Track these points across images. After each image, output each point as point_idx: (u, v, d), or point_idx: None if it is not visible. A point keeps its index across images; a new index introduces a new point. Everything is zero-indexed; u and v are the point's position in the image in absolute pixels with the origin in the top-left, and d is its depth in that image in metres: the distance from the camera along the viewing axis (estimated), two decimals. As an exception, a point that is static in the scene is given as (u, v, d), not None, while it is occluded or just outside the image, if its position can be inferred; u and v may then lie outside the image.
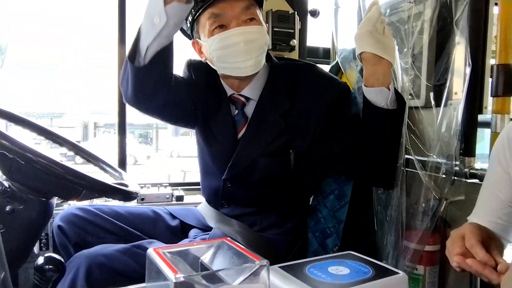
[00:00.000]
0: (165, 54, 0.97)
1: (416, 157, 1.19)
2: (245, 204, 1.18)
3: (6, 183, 0.94)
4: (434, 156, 1.15)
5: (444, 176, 1.14)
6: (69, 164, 0.91)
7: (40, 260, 0.73)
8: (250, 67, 1.06)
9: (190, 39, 1.16)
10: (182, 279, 0.40)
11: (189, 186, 1.87)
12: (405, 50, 1.28)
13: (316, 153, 1.12)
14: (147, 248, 0.99)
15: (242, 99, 1.15)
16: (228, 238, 0.54)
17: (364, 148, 1.08)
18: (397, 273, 0.59)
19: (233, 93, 1.16)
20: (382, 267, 0.61)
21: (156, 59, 0.96)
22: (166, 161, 13.14)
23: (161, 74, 1.00)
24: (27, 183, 0.95)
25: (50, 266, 0.72)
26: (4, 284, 0.51)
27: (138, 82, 1.00)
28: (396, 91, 1.06)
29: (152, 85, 1.01)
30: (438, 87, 1.21)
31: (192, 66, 1.23)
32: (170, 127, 16.31)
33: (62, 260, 0.75)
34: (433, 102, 1.20)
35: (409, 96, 1.26)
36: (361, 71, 1.25)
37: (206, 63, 1.16)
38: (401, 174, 1.18)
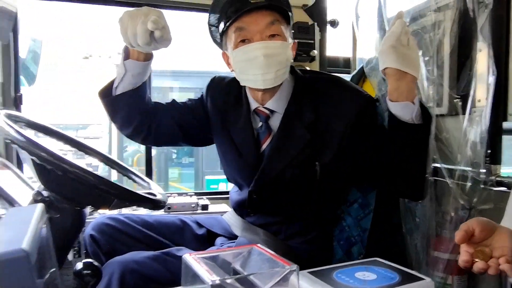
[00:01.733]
0: (129, 94, 1.14)
1: (444, 165, 1.18)
2: (271, 214, 1.20)
3: (44, 193, 0.99)
4: (461, 164, 1.15)
5: (471, 184, 1.13)
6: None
7: (79, 265, 0.77)
8: (269, 81, 1.08)
9: (222, 49, 1.20)
10: (218, 281, 0.43)
11: (214, 195, 1.91)
12: (428, 58, 1.29)
13: (342, 165, 1.13)
14: (176, 255, 1.04)
15: (267, 111, 1.17)
16: (258, 245, 0.56)
17: (390, 161, 1.06)
18: (423, 279, 0.59)
19: (258, 106, 1.19)
20: (409, 273, 0.62)
21: (120, 98, 1.14)
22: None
23: (128, 107, 1.16)
24: (63, 193, 1.00)
25: (88, 271, 0.76)
26: (54, 278, 0.55)
27: (110, 112, 1.19)
28: (421, 105, 1.05)
29: (125, 114, 1.18)
30: (462, 95, 1.21)
31: (212, 85, 1.30)
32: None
33: (99, 266, 0.79)
34: (457, 110, 1.20)
35: (432, 104, 1.26)
36: (385, 80, 1.26)
37: (230, 78, 1.25)
38: (430, 183, 1.18)
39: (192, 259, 0.50)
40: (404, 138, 1.04)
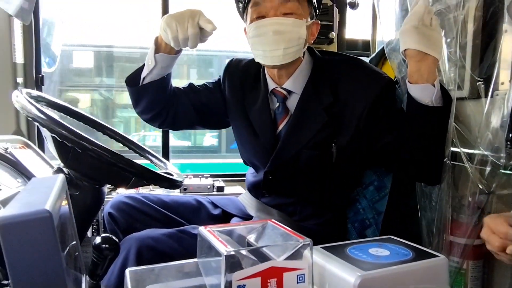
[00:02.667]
0: (156, 84, 1.19)
1: (463, 149, 1.16)
2: (286, 195, 1.20)
3: (65, 170, 1.02)
4: (481, 148, 1.12)
5: (490, 169, 1.11)
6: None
7: (98, 239, 0.79)
8: (278, 57, 1.07)
9: None
10: (232, 252, 0.44)
11: (229, 177, 1.92)
12: (450, 39, 1.25)
13: (358, 147, 1.12)
14: (191, 233, 1.06)
15: (284, 92, 1.17)
16: (273, 220, 0.57)
17: (407, 144, 1.05)
18: (437, 256, 0.59)
19: (275, 87, 1.18)
20: (422, 250, 0.61)
21: (147, 86, 1.20)
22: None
23: (153, 95, 1.22)
24: (83, 170, 1.02)
25: (107, 245, 0.77)
26: (76, 251, 0.57)
27: (135, 99, 1.25)
28: (442, 87, 1.02)
29: (148, 102, 1.23)
30: (484, 78, 1.17)
31: (230, 68, 1.31)
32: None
33: (117, 240, 0.81)
34: (479, 93, 1.17)
35: (453, 87, 1.23)
36: (405, 62, 1.23)
37: (247, 60, 1.28)
38: (447, 167, 1.16)
39: (208, 231, 0.51)
40: (423, 121, 1.02)
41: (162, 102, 1.24)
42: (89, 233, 1.47)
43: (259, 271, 0.44)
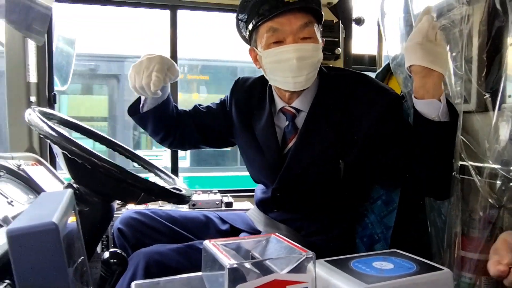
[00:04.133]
0: (154, 111, 1.26)
1: (471, 163, 1.15)
2: (294, 210, 1.20)
3: (75, 186, 1.03)
4: (490, 161, 1.11)
5: (501, 182, 1.09)
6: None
7: (106, 254, 0.80)
8: (300, 83, 1.09)
9: (249, 44, 1.22)
10: (235, 265, 0.44)
11: (238, 193, 1.93)
12: (456, 53, 1.25)
13: (366, 163, 1.12)
14: (198, 248, 1.05)
15: (293, 110, 1.18)
16: (277, 234, 0.57)
17: (415, 159, 1.04)
18: (441, 269, 0.59)
19: (284, 105, 1.19)
20: (427, 263, 0.61)
21: (146, 114, 1.27)
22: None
23: (154, 121, 1.29)
24: (93, 186, 1.04)
25: (115, 260, 0.78)
26: (83, 266, 0.58)
27: (140, 125, 1.34)
28: (448, 102, 1.02)
29: (152, 127, 1.31)
30: (491, 91, 1.17)
31: (236, 88, 1.34)
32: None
33: (125, 255, 0.81)
34: (486, 106, 1.16)
35: (460, 100, 1.22)
36: (410, 77, 1.24)
37: (253, 79, 1.30)
38: (456, 181, 1.15)
39: (212, 245, 0.51)
40: (429, 136, 1.02)
41: (165, 126, 1.32)
42: (98, 249, 1.48)
43: (262, 284, 0.45)
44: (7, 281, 0.97)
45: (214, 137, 1.38)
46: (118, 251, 0.81)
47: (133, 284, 0.51)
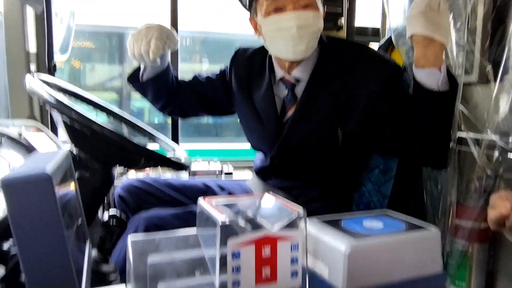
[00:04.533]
0: (153, 80, 1.26)
1: (470, 134, 1.15)
2: (292, 178, 1.21)
3: (75, 152, 1.05)
4: (489, 133, 1.11)
5: (498, 153, 1.10)
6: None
7: (106, 216, 0.82)
8: (300, 52, 1.08)
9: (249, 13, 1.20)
10: (227, 222, 0.45)
11: (238, 162, 1.94)
12: (459, 23, 1.23)
13: (364, 133, 1.12)
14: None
15: (292, 80, 1.17)
16: (271, 192, 0.59)
17: (413, 130, 1.05)
18: (430, 228, 0.60)
19: (284, 75, 1.19)
20: (416, 223, 0.63)
21: (146, 83, 1.27)
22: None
23: (155, 90, 1.30)
24: (93, 153, 1.05)
25: (114, 222, 0.81)
26: (82, 227, 0.59)
27: (140, 93, 1.35)
28: (448, 72, 1.01)
29: (152, 95, 1.33)
30: (494, 62, 1.16)
31: (236, 57, 1.33)
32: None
33: (124, 218, 0.84)
34: (488, 78, 1.16)
35: (461, 72, 1.21)
36: (412, 48, 1.23)
37: (253, 49, 1.29)
38: (453, 152, 1.16)
39: (206, 202, 0.53)
40: (428, 106, 1.02)
41: (165, 95, 1.33)
42: (100, 215, 1.51)
43: (253, 239, 0.46)
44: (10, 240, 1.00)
45: (214, 106, 1.39)
46: (117, 213, 0.83)
47: (129, 239, 0.53)
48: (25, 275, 0.34)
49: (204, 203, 0.52)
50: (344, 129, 1.11)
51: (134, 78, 1.30)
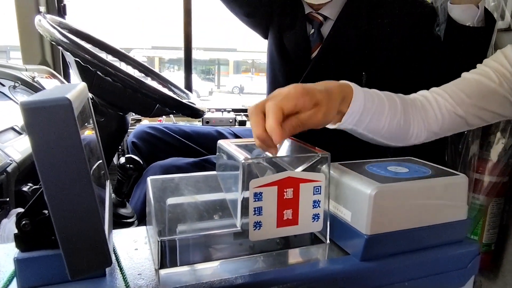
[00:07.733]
0: None
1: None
2: None
3: (90, 95, 1.03)
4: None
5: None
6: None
7: (122, 160, 0.82)
8: None
9: None
10: (250, 161, 0.44)
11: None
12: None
13: (389, 77, 1.08)
14: (214, 163, 1.08)
15: (320, 18, 1.12)
16: (293, 138, 0.57)
17: (443, 71, 1.00)
18: (457, 174, 0.58)
19: (311, 11, 1.13)
20: (442, 169, 0.61)
21: None
22: (227, 96, 13.58)
23: None
24: (107, 97, 1.04)
25: (131, 165, 0.80)
26: (101, 169, 0.59)
27: None
28: (485, 9, 0.96)
29: None
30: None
31: None
32: (231, 64, 16.42)
33: (141, 161, 0.83)
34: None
35: (496, 16, 1.14)
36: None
37: None
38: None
39: (227, 143, 0.51)
40: (461, 43, 0.97)
41: None
42: (115, 161, 1.53)
43: (276, 180, 0.45)
44: (30, 184, 1.01)
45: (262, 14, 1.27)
46: (134, 157, 0.82)
47: (148, 179, 0.52)
48: (49, 204, 0.33)
49: (224, 144, 0.51)
50: (369, 71, 1.06)
51: None
